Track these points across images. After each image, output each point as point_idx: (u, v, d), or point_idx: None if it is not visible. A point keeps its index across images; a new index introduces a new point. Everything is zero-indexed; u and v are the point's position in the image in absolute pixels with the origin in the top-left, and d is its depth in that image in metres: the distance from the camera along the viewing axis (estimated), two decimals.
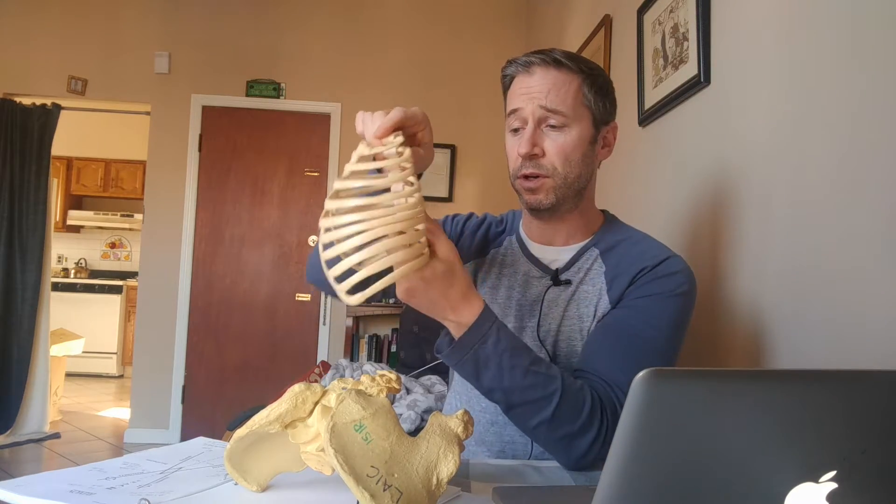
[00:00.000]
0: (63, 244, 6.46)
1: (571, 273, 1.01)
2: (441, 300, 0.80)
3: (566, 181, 0.97)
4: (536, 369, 0.81)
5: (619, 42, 2.23)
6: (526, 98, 0.96)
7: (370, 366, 2.40)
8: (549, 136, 0.96)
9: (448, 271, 0.79)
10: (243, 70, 3.98)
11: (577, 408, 0.82)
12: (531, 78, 0.96)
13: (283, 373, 3.86)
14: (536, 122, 0.96)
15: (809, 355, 1.09)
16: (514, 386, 0.80)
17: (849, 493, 0.40)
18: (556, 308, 0.99)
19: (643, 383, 0.36)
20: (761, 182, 1.27)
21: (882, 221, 0.93)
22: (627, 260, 0.97)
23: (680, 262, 0.97)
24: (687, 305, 0.95)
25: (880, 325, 0.93)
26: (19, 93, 3.89)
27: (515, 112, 0.97)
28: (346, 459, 0.54)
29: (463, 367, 0.82)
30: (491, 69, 4.05)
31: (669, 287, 0.93)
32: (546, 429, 0.82)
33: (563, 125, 0.95)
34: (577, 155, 0.97)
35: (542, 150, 0.96)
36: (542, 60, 0.96)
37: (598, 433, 0.82)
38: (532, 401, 0.81)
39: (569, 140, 0.96)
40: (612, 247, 1.01)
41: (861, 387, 0.40)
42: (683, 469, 0.38)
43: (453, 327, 0.82)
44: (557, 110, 0.95)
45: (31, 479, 0.65)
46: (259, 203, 4.01)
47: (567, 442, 0.82)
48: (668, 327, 0.92)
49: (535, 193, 0.98)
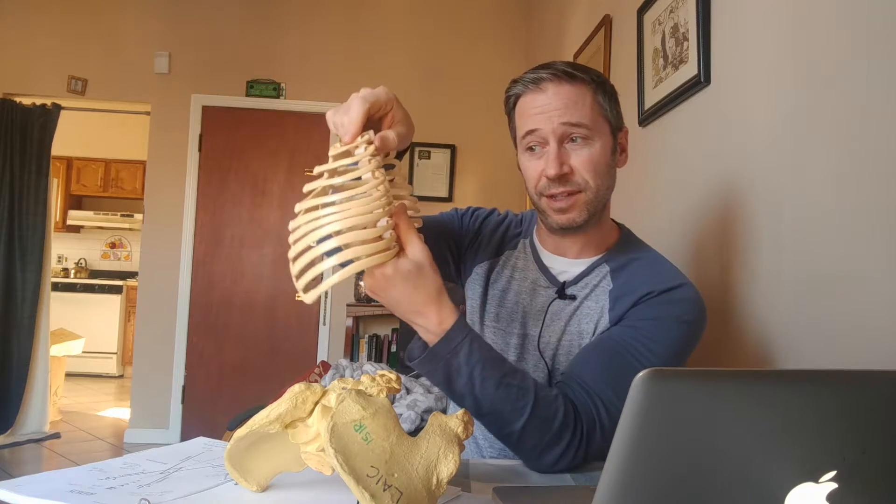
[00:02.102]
0: (63, 244, 6.45)
1: (578, 288, 0.98)
2: (405, 301, 0.78)
3: (598, 195, 0.94)
4: (509, 381, 0.80)
5: (619, 42, 2.23)
6: (543, 117, 0.92)
7: (370, 366, 2.40)
8: (573, 151, 0.93)
9: (414, 272, 0.77)
10: (243, 70, 3.98)
11: (548, 420, 0.80)
12: (543, 95, 0.92)
13: (283, 373, 3.85)
14: (559, 140, 0.92)
15: (808, 356, 1.09)
16: (484, 396, 0.79)
17: (849, 493, 0.40)
18: (559, 321, 0.98)
19: (643, 383, 0.36)
20: (761, 182, 1.27)
21: (883, 222, 0.93)
22: (636, 281, 0.94)
23: (691, 291, 0.93)
24: (691, 335, 0.92)
25: (880, 326, 0.93)
26: (19, 93, 3.89)
27: (533, 133, 0.93)
28: (346, 459, 0.54)
29: (433, 375, 0.81)
30: (491, 69, 4.06)
31: (675, 312, 0.90)
32: (515, 439, 0.81)
33: (587, 138, 0.92)
34: (603, 166, 0.94)
35: (570, 168, 0.92)
36: (552, 76, 0.92)
37: (567, 446, 0.81)
38: (501, 412, 0.80)
39: (595, 152, 0.93)
40: (624, 265, 0.98)
41: (861, 387, 0.40)
42: (683, 469, 0.38)
43: (422, 332, 0.81)
44: (581, 123, 0.91)
45: (31, 479, 0.65)
46: (259, 203, 4.01)
47: (536, 452, 0.82)
48: (666, 353, 0.88)
49: (567, 212, 0.94)
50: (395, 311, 0.81)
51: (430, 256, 0.78)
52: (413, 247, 0.77)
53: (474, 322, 1.07)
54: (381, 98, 0.79)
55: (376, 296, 0.80)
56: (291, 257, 0.72)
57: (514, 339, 1.00)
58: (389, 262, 0.76)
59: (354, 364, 2.41)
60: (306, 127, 4.01)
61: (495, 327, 1.03)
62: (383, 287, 0.78)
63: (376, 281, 0.78)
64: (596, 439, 0.83)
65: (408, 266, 0.76)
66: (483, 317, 1.05)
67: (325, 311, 3.99)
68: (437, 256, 0.83)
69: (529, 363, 0.99)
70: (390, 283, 0.77)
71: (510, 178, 3.96)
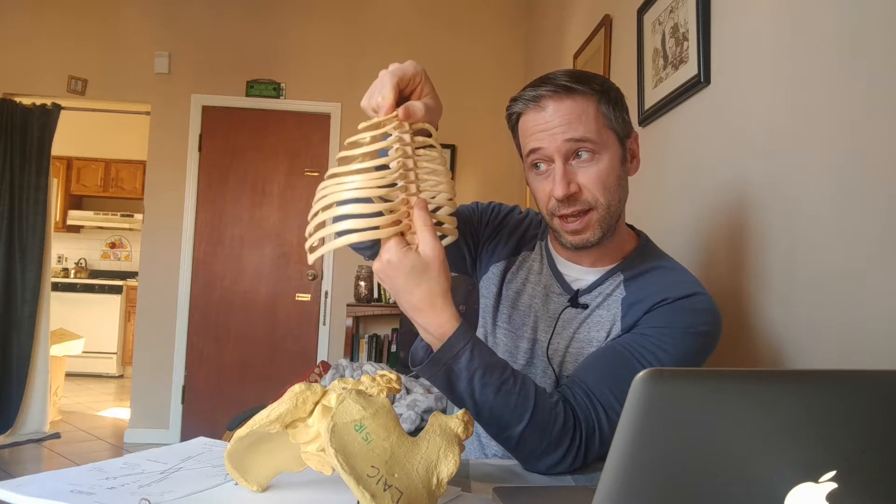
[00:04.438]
0: (63, 244, 6.45)
1: (591, 297, 0.96)
2: (406, 294, 0.78)
3: (609, 210, 0.91)
4: (509, 388, 0.79)
5: (619, 42, 2.23)
6: (546, 136, 0.89)
7: (370, 366, 2.40)
8: (580, 168, 0.89)
9: (419, 268, 0.76)
10: (243, 70, 3.98)
11: (547, 426, 0.80)
12: (544, 113, 0.89)
13: (283, 373, 3.86)
14: (564, 159, 0.89)
15: (806, 356, 1.09)
16: (484, 402, 0.79)
17: (849, 493, 0.40)
18: (568, 329, 0.96)
19: (643, 383, 0.36)
20: (761, 182, 1.27)
21: (882, 221, 0.93)
22: (650, 289, 0.92)
23: (707, 301, 0.90)
24: (705, 347, 0.89)
25: (880, 326, 0.93)
26: (19, 93, 3.89)
27: (536, 151, 0.90)
28: (347, 459, 0.54)
29: (435, 380, 0.81)
30: (491, 69, 4.06)
31: (689, 322, 0.87)
32: (514, 443, 0.81)
33: (594, 152, 0.89)
34: (613, 180, 0.90)
35: (577, 186, 0.89)
36: (551, 91, 0.89)
37: (565, 452, 0.81)
38: (500, 417, 0.80)
39: (602, 167, 0.89)
40: (639, 275, 0.95)
41: (861, 387, 0.40)
42: (683, 469, 0.38)
43: (421, 331, 0.81)
44: (585, 138, 0.88)
45: (31, 479, 0.65)
46: (259, 203, 4.01)
47: (534, 457, 0.82)
48: (673, 364, 0.85)
49: (581, 233, 0.91)
50: (397, 302, 0.81)
51: (441, 257, 0.77)
52: (425, 244, 0.76)
53: (487, 322, 1.06)
54: (409, 71, 0.77)
55: (381, 282, 0.79)
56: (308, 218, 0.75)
57: (525, 343, 0.99)
58: (396, 251, 0.75)
59: (354, 364, 2.41)
60: (306, 127, 4.01)
61: (507, 329, 1.02)
62: (388, 275, 0.77)
63: (381, 266, 0.77)
64: (595, 445, 0.83)
65: (413, 261, 0.76)
66: (496, 317, 1.04)
67: (325, 311, 3.99)
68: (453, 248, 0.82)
69: (538, 368, 0.98)
70: (394, 273, 0.76)
71: (511, 177, 3.97)
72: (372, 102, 0.77)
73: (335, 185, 0.74)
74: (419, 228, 0.76)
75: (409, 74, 0.77)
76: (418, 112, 0.77)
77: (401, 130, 0.76)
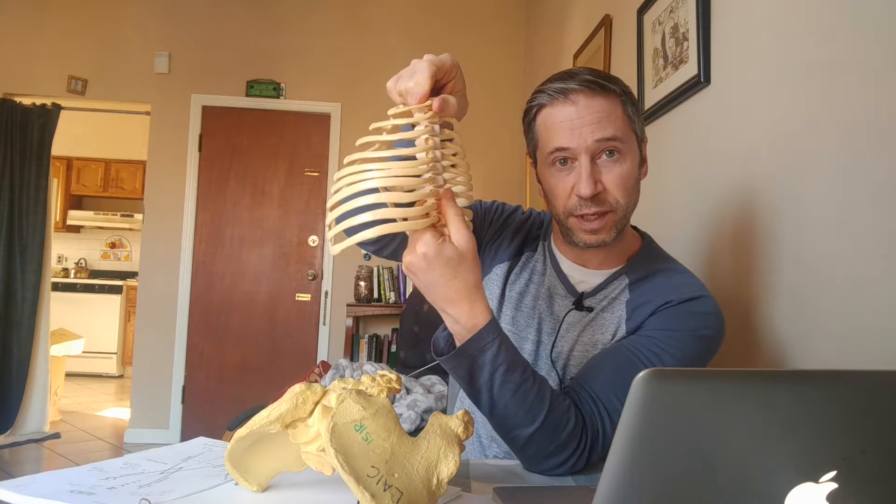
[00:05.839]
0: (63, 244, 6.45)
1: (596, 300, 0.96)
2: (440, 287, 0.76)
3: (626, 213, 0.91)
4: (528, 388, 0.79)
5: (619, 42, 2.23)
6: (575, 133, 0.86)
7: (370, 366, 2.40)
8: (605, 168, 0.88)
9: (455, 260, 0.74)
10: (243, 70, 3.98)
11: (558, 430, 0.80)
12: (573, 107, 0.87)
13: (283, 373, 3.86)
14: (591, 157, 0.87)
15: (810, 358, 1.09)
16: (500, 398, 0.79)
17: (849, 493, 0.40)
18: (573, 331, 0.96)
19: (643, 383, 0.36)
20: (760, 181, 1.27)
21: (884, 221, 0.93)
22: (655, 291, 0.92)
23: (712, 304, 0.90)
24: (708, 349, 0.89)
25: (883, 327, 0.93)
26: (19, 93, 3.89)
27: (564, 150, 0.88)
28: (347, 459, 0.54)
29: (457, 371, 0.80)
30: (491, 68, 4.06)
31: (693, 325, 0.87)
32: (521, 443, 0.81)
33: (620, 152, 0.88)
34: (632, 182, 0.90)
35: (602, 186, 0.88)
36: (583, 86, 0.86)
37: (570, 455, 0.81)
38: (514, 416, 0.80)
39: (626, 169, 0.89)
40: (644, 278, 0.95)
41: (861, 387, 0.40)
42: (683, 469, 0.38)
43: (449, 322, 0.80)
44: (615, 137, 0.86)
45: (31, 479, 0.65)
46: (259, 203, 4.01)
47: (539, 458, 0.82)
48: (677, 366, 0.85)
49: (598, 234, 0.90)
50: (426, 296, 0.79)
51: (474, 248, 0.76)
52: (459, 234, 0.75)
53: None
54: (447, 63, 0.75)
55: (412, 275, 0.77)
56: (329, 206, 0.71)
57: (529, 346, 0.99)
58: (433, 243, 0.74)
59: (354, 364, 2.41)
60: (306, 127, 4.01)
61: (511, 331, 1.01)
62: (422, 268, 0.75)
63: (416, 259, 0.75)
64: (598, 448, 0.83)
65: (451, 252, 0.74)
66: (499, 319, 1.03)
67: (325, 311, 3.99)
68: None
69: (542, 370, 0.97)
70: (430, 266, 0.74)
71: (511, 175, 3.96)
72: (400, 86, 0.75)
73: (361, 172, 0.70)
74: (451, 220, 0.75)
75: (447, 66, 0.76)
76: (453, 107, 0.75)
77: (431, 121, 0.74)
